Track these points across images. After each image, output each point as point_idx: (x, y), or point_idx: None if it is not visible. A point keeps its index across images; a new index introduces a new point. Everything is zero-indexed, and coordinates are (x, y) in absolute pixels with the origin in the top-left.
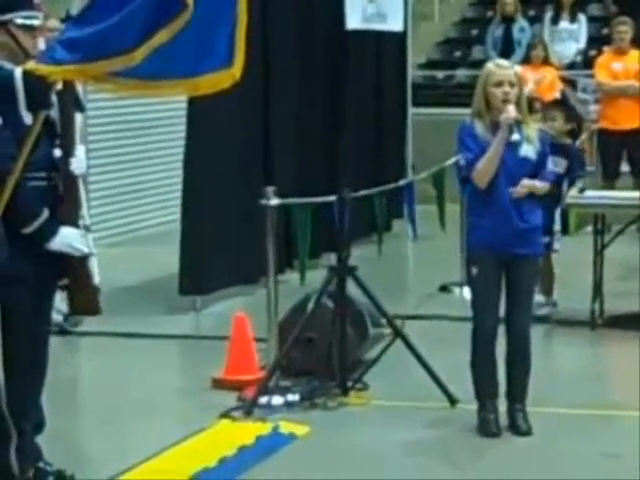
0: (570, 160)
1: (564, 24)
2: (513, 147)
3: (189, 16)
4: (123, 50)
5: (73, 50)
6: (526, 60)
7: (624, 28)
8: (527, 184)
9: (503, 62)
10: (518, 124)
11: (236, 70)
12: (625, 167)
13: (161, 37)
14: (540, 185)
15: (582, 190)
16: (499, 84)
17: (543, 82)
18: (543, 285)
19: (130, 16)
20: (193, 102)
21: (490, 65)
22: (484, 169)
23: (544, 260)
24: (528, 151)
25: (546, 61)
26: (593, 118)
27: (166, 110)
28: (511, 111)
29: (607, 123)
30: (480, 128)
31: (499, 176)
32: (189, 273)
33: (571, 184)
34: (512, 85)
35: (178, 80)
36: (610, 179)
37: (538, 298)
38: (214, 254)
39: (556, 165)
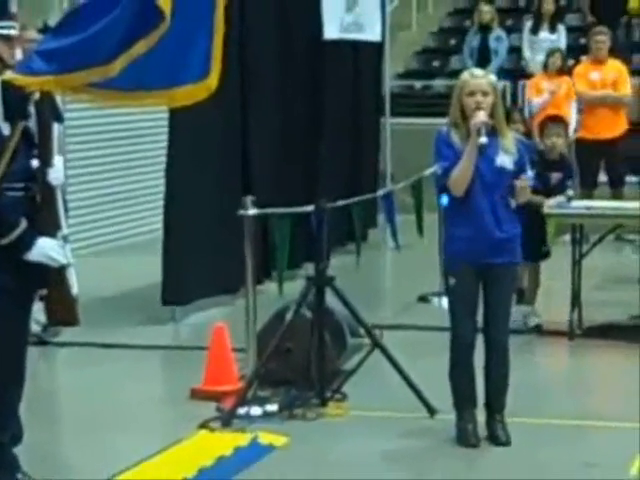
0: (563, 173)
1: (544, 34)
2: (489, 157)
3: (166, 27)
4: (101, 61)
5: (51, 61)
6: (544, 68)
7: (602, 38)
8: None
9: (477, 71)
10: (489, 129)
11: (211, 82)
12: (602, 177)
13: (139, 48)
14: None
15: (569, 199)
16: (472, 94)
17: (559, 92)
18: (528, 294)
19: (108, 27)
20: (175, 113)
21: (464, 75)
22: (459, 176)
23: (533, 269)
24: (505, 161)
25: (562, 70)
26: (573, 127)
27: (146, 120)
28: (480, 115)
29: (586, 133)
30: (456, 137)
31: (475, 186)
32: (172, 284)
33: (560, 192)
34: (485, 94)
35: (155, 91)
36: (588, 189)
37: (524, 309)
38: (194, 264)
39: (550, 180)
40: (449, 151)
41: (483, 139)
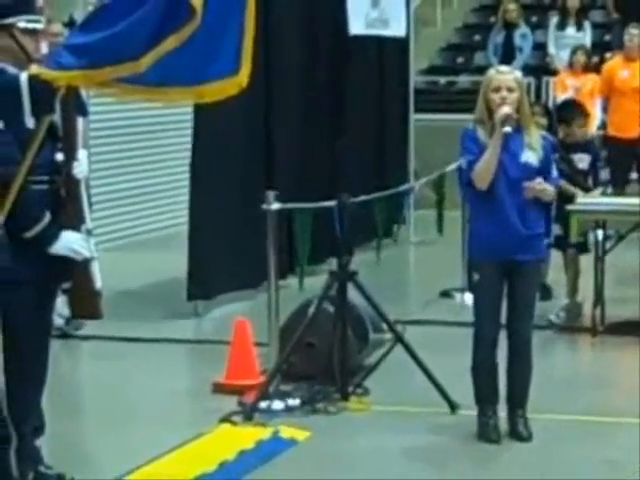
0: (593, 154)
1: (570, 31)
2: (514, 153)
3: (197, 23)
4: (130, 57)
5: (80, 55)
6: (570, 65)
7: (634, 32)
8: (542, 183)
9: (504, 68)
10: (513, 125)
11: (242, 78)
12: (634, 174)
13: (169, 44)
14: (550, 188)
15: (603, 194)
16: (497, 89)
17: (583, 89)
18: (569, 286)
19: (138, 23)
20: (199, 108)
21: (490, 71)
22: (483, 169)
23: (573, 261)
24: (529, 157)
25: (587, 67)
26: (597, 124)
27: (170, 115)
28: (505, 108)
29: (614, 131)
30: (482, 134)
31: (500, 182)
32: (196, 279)
33: (595, 183)
34: (510, 90)
35: (184, 87)
36: (620, 186)
37: (563, 302)
38: (218, 259)
39: (580, 162)
40: (474, 145)
41: (507, 128)
